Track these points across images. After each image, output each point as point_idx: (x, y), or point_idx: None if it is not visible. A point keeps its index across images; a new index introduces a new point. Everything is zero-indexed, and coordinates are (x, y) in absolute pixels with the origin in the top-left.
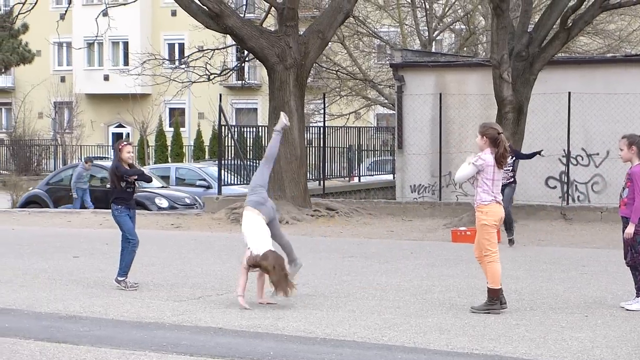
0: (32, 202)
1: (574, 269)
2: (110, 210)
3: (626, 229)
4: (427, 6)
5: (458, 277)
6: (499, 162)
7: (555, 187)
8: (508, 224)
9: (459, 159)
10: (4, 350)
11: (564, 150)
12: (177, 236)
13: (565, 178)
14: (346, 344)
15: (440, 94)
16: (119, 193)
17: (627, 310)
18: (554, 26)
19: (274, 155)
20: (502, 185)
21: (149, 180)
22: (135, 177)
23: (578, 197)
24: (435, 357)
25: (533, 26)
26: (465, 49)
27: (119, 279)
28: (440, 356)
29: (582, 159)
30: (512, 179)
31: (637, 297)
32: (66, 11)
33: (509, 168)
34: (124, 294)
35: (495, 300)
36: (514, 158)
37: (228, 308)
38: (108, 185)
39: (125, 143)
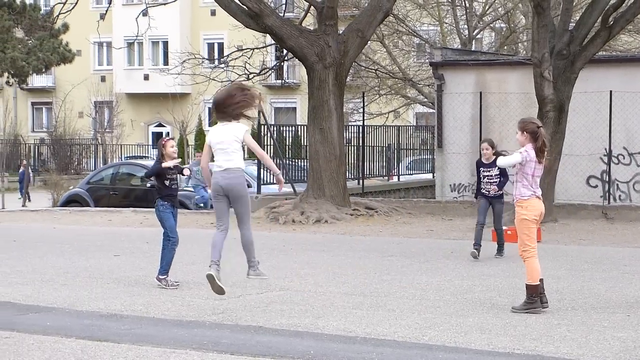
0: (72, 201)
1: (616, 268)
2: (151, 209)
3: None
4: (467, 4)
5: (499, 276)
6: (538, 156)
7: (596, 186)
8: (499, 245)
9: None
10: (46, 349)
11: (605, 149)
12: None
13: (607, 177)
14: (387, 344)
15: (481, 93)
16: (164, 190)
17: None
18: (595, 24)
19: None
20: (490, 199)
21: (184, 174)
22: (174, 168)
23: (619, 196)
24: (477, 356)
25: (574, 24)
26: (505, 47)
27: (160, 277)
28: (481, 356)
29: (624, 158)
30: (501, 193)
31: None
32: (107, 11)
33: (495, 180)
34: (164, 292)
35: (534, 297)
36: (498, 169)
37: (268, 307)
38: (148, 185)
39: (168, 138)
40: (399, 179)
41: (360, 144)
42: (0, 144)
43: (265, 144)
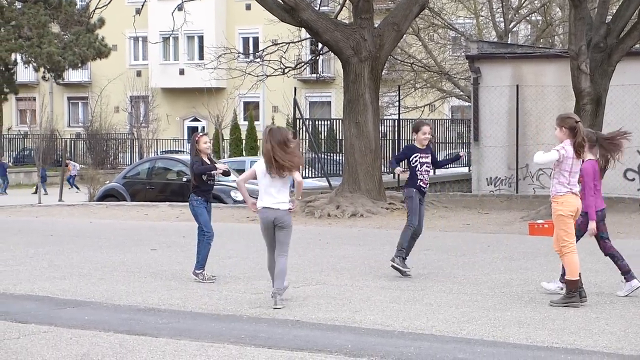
0: (109, 196)
1: None
2: (186, 203)
3: (589, 225)
4: None
5: (536, 270)
6: (577, 151)
7: (633, 180)
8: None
9: (535, 151)
10: (84, 343)
11: None
12: (253, 229)
13: None
14: (424, 338)
15: (517, 86)
16: (199, 184)
17: (618, 296)
18: (632, 17)
19: None
20: (422, 194)
21: (227, 174)
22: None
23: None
24: (515, 350)
25: (611, 17)
26: (541, 40)
27: (197, 271)
28: (520, 350)
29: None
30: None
31: (627, 281)
32: (142, 6)
33: (429, 169)
34: (201, 286)
35: (573, 292)
36: (430, 157)
37: (305, 301)
38: (184, 179)
39: (201, 134)
40: (434, 172)
41: (396, 138)
42: (37, 139)
43: (301, 137)
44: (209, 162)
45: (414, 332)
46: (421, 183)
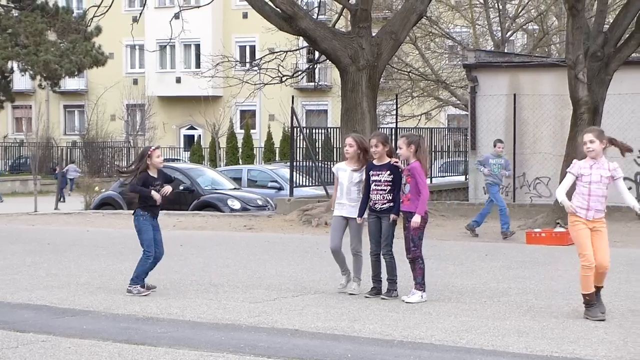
0: (105, 204)
1: None
2: (184, 212)
3: (413, 218)
4: (500, 7)
5: (534, 279)
6: None
7: (630, 188)
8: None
9: (533, 159)
10: (83, 352)
11: (639, 151)
12: (250, 238)
13: None
14: (424, 347)
15: (515, 95)
16: (149, 200)
17: (407, 302)
18: (630, 26)
19: None
20: (377, 213)
21: (170, 180)
22: (159, 178)
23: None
24: (515, 359)
25: (608, 26)
26: (538, 49)
27: (129, 287)
28: (519, 359)
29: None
30: (392, 204)
31: (417, 290)
32: (140, 14)
33: (384, 188)
34: (200, 295)
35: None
36: (390, 173)
37: (304, 310)
38: (181, 187)
39: (154, 147)
40: (431, 181)
41: (393, 147)
42: (33, 147)
43: (298, 146)
44: (155, 177)
45: (414, 342)
46: (370, 203)
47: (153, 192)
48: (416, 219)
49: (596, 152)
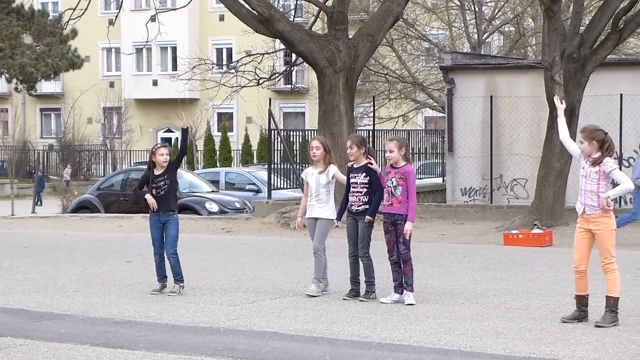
0: (83, 208)
1: (629, 271)
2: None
3: (405, 225)
4: (476, 9)
5: (512, 280)
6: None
7: None
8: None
9: (510, 161)
10: (61, 356)
11: (616, 152)
12: (228, 240)
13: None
14: (402, 349)
15: (491, 96)
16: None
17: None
18: (606, 28)
19: None
20: (354, 215)
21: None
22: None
23: (630, 199)
24: None
25: (584, 28)
26: (514, 51)
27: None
28: None
29: (635, 161)
30: (368, 205)
31: (409, 291)
32: (116, 17)
33: (360, 190)
34: (178, 298)
35: (617, 309)
36: (367, 175)
37: (282, 312)
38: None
39: (160, 145)
40: None
41: (371, 147)
42: (10, 151)
43: (275, 148)
44: (159, 174)
45: (392, 343)
46: (349, 204)
47: (147, 196)
48: (408, 227)
49: (585, 153)
